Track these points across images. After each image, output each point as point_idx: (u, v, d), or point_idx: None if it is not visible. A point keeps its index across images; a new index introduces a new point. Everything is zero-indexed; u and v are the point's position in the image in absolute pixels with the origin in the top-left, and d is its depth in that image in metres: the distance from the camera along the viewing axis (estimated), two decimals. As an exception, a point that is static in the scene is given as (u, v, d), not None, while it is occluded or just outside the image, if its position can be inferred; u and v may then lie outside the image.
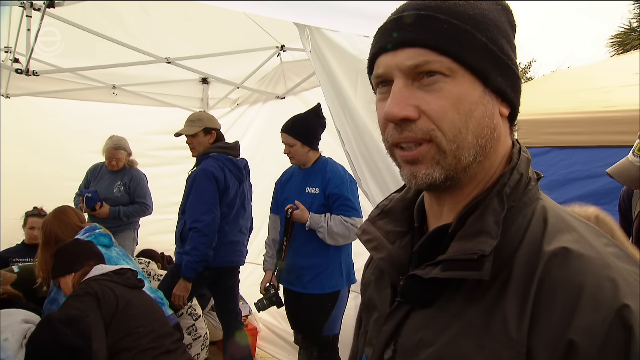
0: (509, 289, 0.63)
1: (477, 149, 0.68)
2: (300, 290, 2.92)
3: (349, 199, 2.85)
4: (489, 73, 0.67)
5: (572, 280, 0.59)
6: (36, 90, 4.20)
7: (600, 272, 0.59)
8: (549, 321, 0.59)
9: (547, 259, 0.62)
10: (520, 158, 0.71)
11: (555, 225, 0.66)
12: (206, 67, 4.16)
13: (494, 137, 0.69)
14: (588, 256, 0.61)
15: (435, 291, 0.70)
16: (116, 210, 4.17)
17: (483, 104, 0.67)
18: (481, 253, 0.63)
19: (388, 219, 0.83)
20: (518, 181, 0.69)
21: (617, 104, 3.26)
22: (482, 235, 0.65)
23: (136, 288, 2.40)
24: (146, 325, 2.26)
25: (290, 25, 2.26)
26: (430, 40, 0.65)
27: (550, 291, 0.60)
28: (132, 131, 4.65)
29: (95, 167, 4.42)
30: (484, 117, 0.67)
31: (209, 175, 3.07)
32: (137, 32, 3.42)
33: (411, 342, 0.71)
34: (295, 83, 3.99)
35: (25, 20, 2.78)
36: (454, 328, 0.66)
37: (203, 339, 3.40)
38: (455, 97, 0.65)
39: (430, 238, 0.74)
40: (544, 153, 3.35)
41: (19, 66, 3.26)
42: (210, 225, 3.01)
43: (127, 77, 4.33)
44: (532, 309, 0.60)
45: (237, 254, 3.31)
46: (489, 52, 0.67)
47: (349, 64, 2.17)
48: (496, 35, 0.68)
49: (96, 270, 2.38)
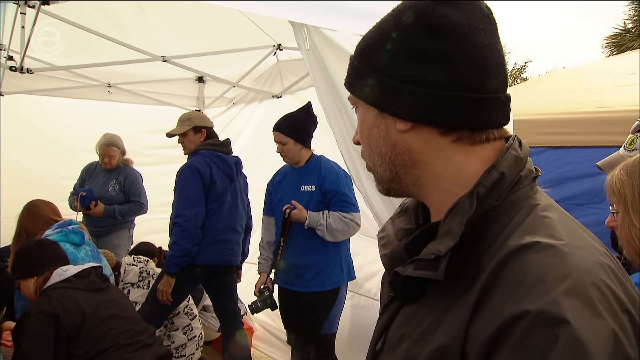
0: (473, 286, 0.63)
1: (389, 164, 0.77)
2: (301, 289, 2.90)
3: (346, 194, 2.85)
4: (372, 100, 0.75)
5: (517, 273, 0.58)
6: (31, 88, 4.18)
7: (548, 270, 0.57)
8: (485, 310, 0.59)
9: (506, 254, 0.61)
10: (505, 157, 0.69)
11: (530, 224, 0.64)
12: (202, 65, 4.15)
13: (398, 151, 0.75)
14: (548, 253, 0.59)
15: (421, 288, 0.71)
16: (111, 209, 4.16)
17: (376, 127, 0.76)
18: (437, 254, 0.65)
19: (404, 216, 0.87)
20: (497, 180, 0.67)
21: (611, 105, 3.28)
22: (447, 235, 0.66)
23: (101, 290, 2.34)
24: (118, 327, 2.24)
25: (286, 24, 2.26)
26: (346, 84, 0.82)
27: (496, 282, 0.60)
28: (128, 130, 4.63)
29: (90, 166, 4.41)
30: (379, 137, 0.76)
31: (193, 170, 3.07)
32: (133, 30, 3.40)
33: (395, 337, 0.74)
34: (292, 82, 3.99)
35: (19, 18, 2.77)
36: (425, 323, 0.68)
37: (198, 339, 3.39)
38: (360, 123, 0.80)
39: (424, 235, 0.75)
40: (539, 153, 3.36)
41: (13, 64, 3.25)
42: (191, 220, 3.00)
43: (123, 76, 4.32)
44: (476, 299, 0.60)
45: (230, 253, 3.28)
46: (373, 81, 0.74)
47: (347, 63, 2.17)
48: (384, 59, 0.72)
49: (57, 276, 2.28)
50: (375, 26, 0.77)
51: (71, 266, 2.39)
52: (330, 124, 2.32)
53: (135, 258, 3.50)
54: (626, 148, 1.94)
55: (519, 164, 0.70)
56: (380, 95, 0.74)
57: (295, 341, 3.07)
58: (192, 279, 3.17)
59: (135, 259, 3.49)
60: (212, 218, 3.14)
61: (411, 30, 0.70)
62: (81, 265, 2.40)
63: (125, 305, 2.41)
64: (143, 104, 4.82)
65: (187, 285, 3.20)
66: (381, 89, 0.73)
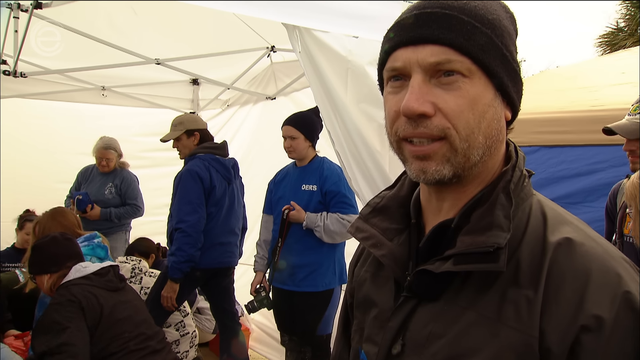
0: (519, 279, 0.66)
1: (485, 149, 0.70)
2: (293, 288, 2.90)
3: (346, 196, 2.85)
4: (502, 78, 0.69)
5: (579, 267, 0.64)
6: (25, 92, 4.17)
7: (603, 261, 0.64)
8: (559, 306, 0.63)
9: (553, 248, 0.66)
10: (519, 156, 0.76)
11: (554, 218, 0.71)
12: (196, 68, 4.15)
13: (499, 138, 0.72)
14: (589, 245, 0.66)
15: (443, 285, 0.72)
16: (107, 212, 4.16)
17: (494, 107, 0.70)
18: (497, 245, 0.66)
19: (382, 216, 0.85)
20: (519, 178, 0.73)
21: (604, 103, 3.30)
22: (494, 229, 0.67)
23: (118, 290, 2.34)
24: (132, 330, 2.23)
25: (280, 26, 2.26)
26: (455, 40, 0.66)
27: (559, 278, 0.64)
28: (123, 133, 4.62)
29: (86, 170, 4.40)
30: (494, 120, 0.70)
31: (193, 175, 3.06)
32: (127, 33, 3.40)
33: (421, 336, 0.73)
34: (286, 84, 3.99)
35: (12, 22, 2.77)
36: (465, 319, 0.68)
37: (191, 336, 3.39)
38: (472, 97, 0.67)
39: (433, 233, 0.76)
40: (533, 152, 3.38)
41: (7, 68, 3.24)
42: (194, 225, 3.00)
43: (117, 79, 4.31)
44: (543, 295, 0.64)
45: (229, 255, 3.29)
46: (504, 57, 0.70)
47: (339, 64, 2.18)
48: (508, 41, 0.71)
49: (76, 272, 2.29)
50: (492, 9, 0.71)
51: (90, 263, 2.40)
52: (325, 124, 2.33)
53: (128, 257, 3.53)
54: (630, 114, 2.10)
55: (524, 164, 0.76)
56: (508, 77, 0.70)
57: (289, 342, 3.05)
58: (191, 282, 3.17)
59: (127, 258, 3.52)
60: (212, 222, 3.14)
61: (513, 26, 0.74)
62: (100, 264, 2.41)
63: (139, 307, 2.40)
64: (137, 106, 4.81)
65: (187, 289, 3.20)
66: (510, 71, 0.71)
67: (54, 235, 2.45)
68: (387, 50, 0.73)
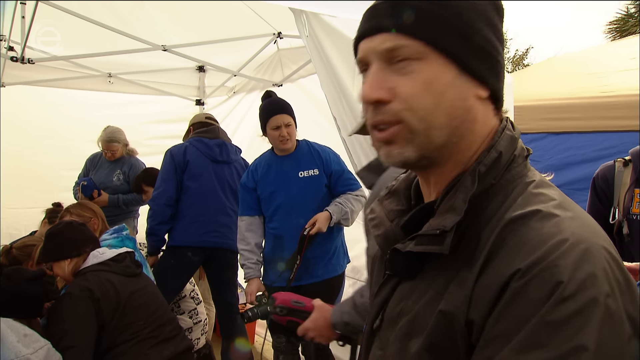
0: (473, 258, 0.67)
1: (451, 129, 0.69)
2: (311, 280, 2.73)
3: (349, 171, 2.76)
4: (462, 56, 0.68)
5: (517, 240, 0.63)
6: (31, 79, 4.17)
7: (546, 236, 0.61)
8: (488, 274, 0.63)
9: (504, 224, 0.66)
10: (502, 137, 0.73)
11: (526, 199, 0.68)
12: (203, 54, 4.15)
13: (468, 118, 0.71)
14: (543, 222, 0.63)
15: (419, 264, 0.74)
16: (115, 199, 4.18)
17: (456, 86, 0.69)
18: (442, 229, 0.67)
19: (393, 198, 0.87)
20: (496, 159, 0.71)
21: (614, 89, 3.27)
22: (450, 212, 0.69)
23: (135, 276, 2.35)
24: (147, 317, 2.24)
25: (287, 12, 2.25)
26: (402, 25, 0.68)
27: (498, 249, 0.64)
28: (129, 121, 4.62)
29: (94, 157, 4.41)
30: (457, 99, 0.69)
31: (167, 154, 3.21)
32: (133, 19, 3.39)
33: (394, 312, 0.77)
34: (292, 70, 3.98)
35: (19, 8, 2.77)
36: (425, 297, 0.71)
37: (203, 324, 3.42)
38: (426, 79, 0.67)
39: (419, 214, 0.77)
40: (540, 139, 3.36)
41: (14, 54, 3.25)
42: (154, 198, 3.12)
43: (123, 65, 4.31)
44: (480, 267, 0.64)
45: (219, 235, 3.23)
46: (464, 35, 0.69)
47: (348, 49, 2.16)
48: (473, 18, 0.69)
49: (94, 258, 2.29)
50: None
51: (106, 249, 2.39)
52: (332, 111, 2.33)
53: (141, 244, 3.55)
54: None
55: (513, 144, 0.73)
56: (471, 53, 0.69)
57: (286, 344, 2.77)
58: (188, 265, 3.18)
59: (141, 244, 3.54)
60: (191, 196, 3.17)
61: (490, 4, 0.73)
62: (116, 250, 2.40)
63: (155, 293, 2.40)
64: (144, 94, 4.81)
65: (185, 273, 3.21)
66: (473, 47, 0.69)
67: (68, 221, 2.45)
68: (354, 44, 0.76)
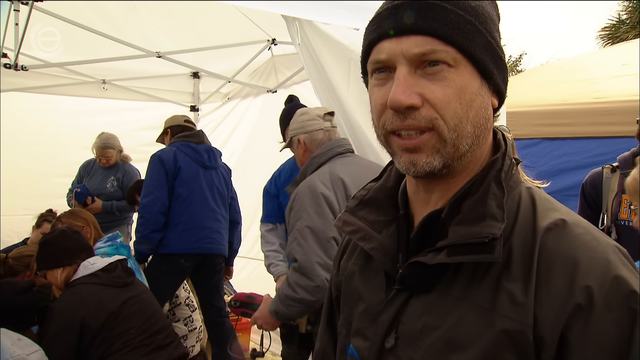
0: (511, 267, 0.66)
1: (474, 139, 0.69)
2: None
3: None
4: (487, 66, 0.68)
5: (567, 252, 0.64)
6: (25, 85, 4.16)
7: (591, 246, 0.64)
8: (549, 292, 0.62)
9: (542, 233, 0.66)
10: (507, 144, 0.75)
11: (543, 205, 0.70)
12: (197, 61, 4.15)
13: (487, 127, 0.71)
14: (577, 231, 0.66)
15: (435, 276, 0.71)
16: (109, 205, 4.16)
17: (481, 95, 0.69)
18: (492, 236, 0.65)
19: (369, 208, 0.83)
20: (510, 166, 0.72)
21: (606, 95, 3.29)
22: (487, 219, 0.67)
23: (127, 285, 2.33)
24: (139, 326, 2.22)
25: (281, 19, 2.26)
26: (438, 29, 0.65)
27: (549, 263, 0.64)
28: (123, 127, 4.61)
29: (88, 163, 4.39)
30: (481, 108, 0.69)
31: (155, 159, 3.13)
32: (127, 26, 3.40)
33: (414, 328, 0.72)
34: (287, 77, 3.99)
35: (13, 15, 2.76)
36: (459, 310, 0.67)
37: (198, 331, 3.40)
38: (459, 87, 0.66)
39: (423, 224, 0.74)
40: (534, 144, 3.37)
41: (8, 61, 3.24)
42: (147, 206, 3.04)
43: (118, 72, 4.30)
44: (535, 283, 0.63)
45: (211, 241, 3.22)
46: (488, 44, 0.68)
47: (342, 55, 2.18)
48: (492, 27, 0.70)
49: (84, 269, 2.28)
50: None
51: (98, 258, 2.38)
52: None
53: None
54: None
55: (512, 150, 0.75)
56: (493, 64, 0.69)
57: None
58: (181, 272, 3.17)
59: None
60: (183, 203, 3.13)
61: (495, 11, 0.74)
62: (108, 259, 2.38)
63: (148, 300, 2.39)
64: (138, 100, 4.80)
65: (177, 279, 3.19)
66: (495, 58, 0.70)
67: (62, 229, 2.44)
68: (371, 42, 0.71)
